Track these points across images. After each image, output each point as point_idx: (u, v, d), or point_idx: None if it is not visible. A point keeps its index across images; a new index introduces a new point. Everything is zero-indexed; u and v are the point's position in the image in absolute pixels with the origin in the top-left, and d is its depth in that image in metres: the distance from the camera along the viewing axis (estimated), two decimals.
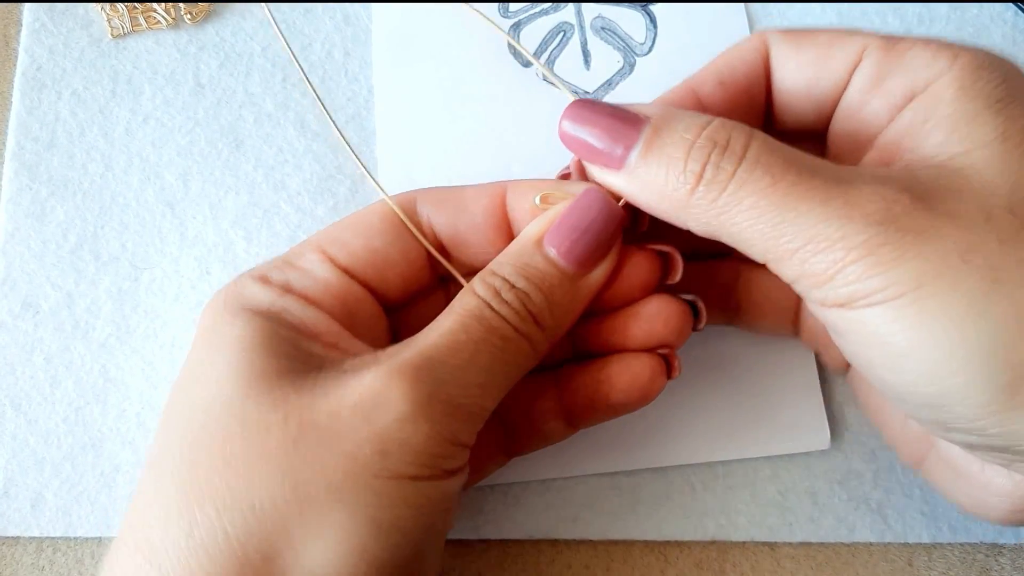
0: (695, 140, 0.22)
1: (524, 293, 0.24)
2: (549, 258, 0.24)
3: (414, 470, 0.22)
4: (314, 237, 0.27)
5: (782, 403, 0.31)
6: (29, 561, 0.31)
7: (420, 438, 0.22)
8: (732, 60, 0.27)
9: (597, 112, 0.24)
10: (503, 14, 0.36)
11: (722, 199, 0.22)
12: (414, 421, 0.22)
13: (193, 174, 0.34)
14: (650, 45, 0.36)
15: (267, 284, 0.25)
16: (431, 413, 0.22)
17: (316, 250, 0.26)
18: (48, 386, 0.32)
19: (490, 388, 0.23)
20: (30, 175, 0.34)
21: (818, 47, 0.25)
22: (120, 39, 0.36)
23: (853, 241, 0.20)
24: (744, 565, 0.30)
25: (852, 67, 0.25)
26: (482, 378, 0.23)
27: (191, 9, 0.36)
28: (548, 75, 0.27)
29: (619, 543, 0.30)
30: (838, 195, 0.21)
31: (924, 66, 0.23)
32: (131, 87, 0.36)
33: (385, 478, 0.22)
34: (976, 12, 0.36)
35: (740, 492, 0.31)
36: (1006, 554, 0.31)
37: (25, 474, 0.31)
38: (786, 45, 0.26)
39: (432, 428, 0.22)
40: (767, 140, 0.22)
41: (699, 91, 0.27)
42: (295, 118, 0.35)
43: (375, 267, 0.26)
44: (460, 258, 0.27)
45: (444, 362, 0.23)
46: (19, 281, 0.33)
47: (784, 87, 0.26)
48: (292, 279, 0.25)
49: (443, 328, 0.23)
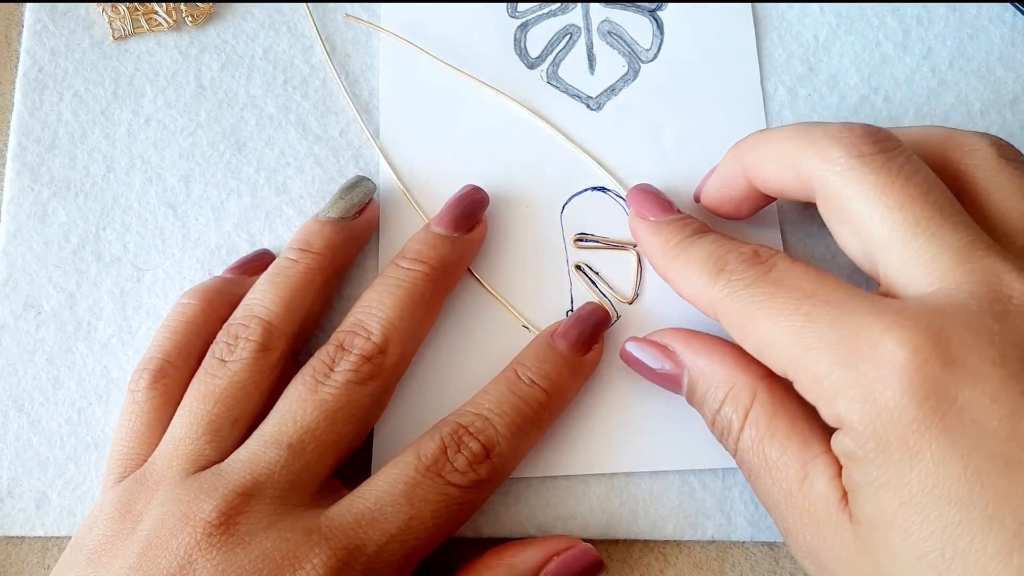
0: (719, 408, 0.27)
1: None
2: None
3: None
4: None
5: None
6: (34, 560, 0.31)
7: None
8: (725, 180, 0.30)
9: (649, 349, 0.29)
10: (511, 14, 0.37)
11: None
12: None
13: (195, 176, 0.35)
14: (655, 51, 0.36)
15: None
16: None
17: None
18: (51, 387, 0.32)
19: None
20: (32, 176, 0.35)
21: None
22: (122, 41, 0.36)
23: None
24: (743, 565, 0.30)
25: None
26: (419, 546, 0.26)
27: (192, 11, 0.36)
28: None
29: (618, 543, 0.31)
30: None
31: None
32: (133, 89, 0.36)
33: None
34: (975, 13, 0.36)
35: (739, 492, 0.31)
36: None
37: (29, 474, 0.31)
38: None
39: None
40: (764, 407, 0.25)
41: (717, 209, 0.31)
42: (297, 121, 0.35)
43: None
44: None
45: (384, 545, 0.25)
46: (21, 282, 0.33)
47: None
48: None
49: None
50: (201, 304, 0.30)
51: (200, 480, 0.26)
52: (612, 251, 0.33)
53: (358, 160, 0.35)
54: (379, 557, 0.25)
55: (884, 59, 0.36)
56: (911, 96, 0.36)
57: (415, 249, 0.30)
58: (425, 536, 0.26)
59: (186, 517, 0.25)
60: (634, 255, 0.33)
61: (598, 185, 0.34)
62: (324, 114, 0.35)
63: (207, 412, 0.27)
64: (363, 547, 0.25)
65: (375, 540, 0.25)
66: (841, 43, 0.36)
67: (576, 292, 0.32)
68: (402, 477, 0.26)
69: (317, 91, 0.36)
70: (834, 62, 0.36)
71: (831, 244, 0.32)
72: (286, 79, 0.36)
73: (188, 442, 0.27)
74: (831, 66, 0.36)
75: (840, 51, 0.36)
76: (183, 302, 0.31)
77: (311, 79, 0.36)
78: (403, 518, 0.25)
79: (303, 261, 0.30)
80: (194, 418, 0.27)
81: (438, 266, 0.30)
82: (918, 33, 0.36)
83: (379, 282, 0.30)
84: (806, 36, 0.36)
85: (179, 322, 0.30)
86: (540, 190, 0.34)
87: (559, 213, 0.33)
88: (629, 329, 0.32)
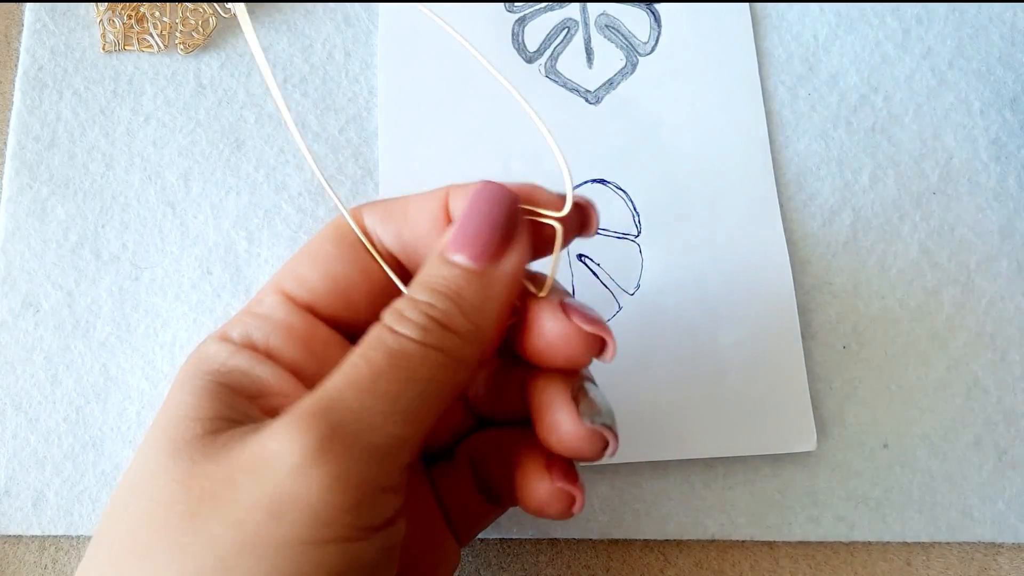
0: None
1: (427, 304, 0.22)
2: (452, 262, 0.22)
3: (314, 532, 0.19)
4: (275, 276, 0.25)
5: (771, 403, 0.31)
6: (32, 560, 0.31)
7: (317, 491, 0.19)
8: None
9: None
10: (508, 9, 0.37)
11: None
12: (306, 471, 0.19)
13: (194, 174, 0.35)
14: (653, 45, 0.36)
15: (225, 342, 0.24)
16: (328, 458, 0.19)
17: (276, 291, 0.24)
18: (49, 385, 0.32)
19: (407, 415, 0.20)
20: (31, 174, 0.34)
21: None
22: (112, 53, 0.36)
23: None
24: (743, 564, 0.30)
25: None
26: (390, 406, 0.20)
27: (186, 40, 0.36)
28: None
29: (619, 543, 0.31)
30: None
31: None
32: (132, 87, 0.36)
33: (279, 545, 0.18)
34: (975, 12, 0.36)
35: (739, 491, 0.31)
36: (1004, 553, 0.31)
37: (26, 473, 0.31)
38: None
39: (330, 476, 0.19)
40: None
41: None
42: (296, 119, 0.35)
43: (338, 295, 0.24)
44: (415, 270, 0.24)
45: (343, 400, 0.20)
46: (20, 280, 0.33)
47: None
48: (253, 331, 0.24)
49: (344, 365, 0.21)
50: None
51: None
52: (614, 242, 0.33)
53: (357, 158, 0.35)
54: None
55: (884, 58, 0.36)
56: (911, 95, 0.35)
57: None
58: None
59: None
60: (636, 246, 0.33)
61: (597, 178, 0.34)
62: (323, 112, 0.35)
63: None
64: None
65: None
66: (841, 43, 0.36)
67: (578, 282, 0.33)
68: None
69: (316, 89, 0.36)
70: (834, 61, 0.36)
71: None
72: (285, 78, 0.36)
73: None
74: (831, 65, 0.36)
75: (840, 50, 0.36)
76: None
77: (310, 77, 0.36)
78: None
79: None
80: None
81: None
82: (918, 32, 0.36)
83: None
84: (806, 36, 0.36)
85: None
86: (539, 183, 0.34)
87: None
88: (631, 320, 0.32)
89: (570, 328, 0.22)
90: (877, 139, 0.35)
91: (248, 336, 0.24)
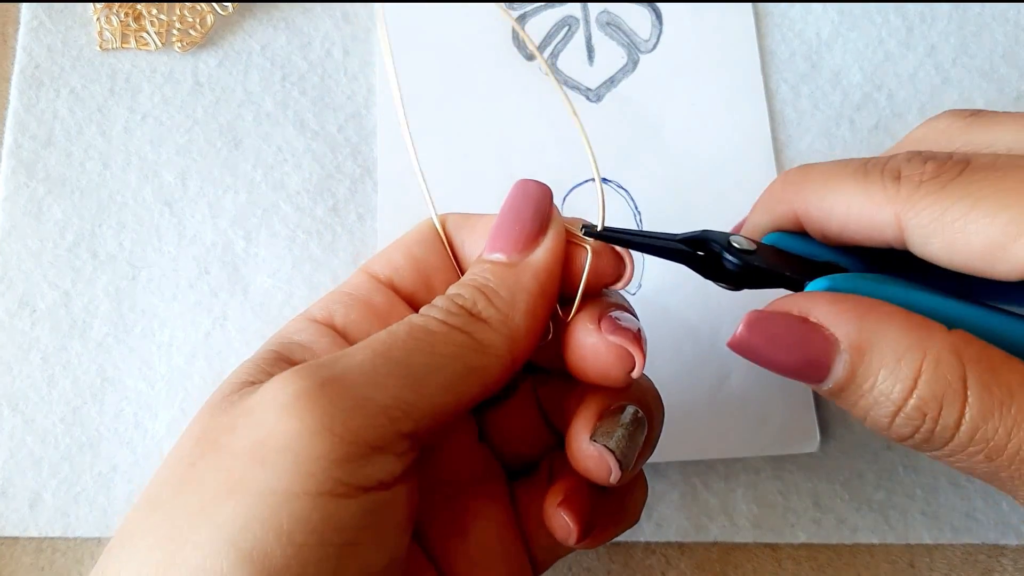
0: (902, 405, 0.19)
1: (456, 294, 0.22)
2: (485, 260, 0.23)
3: (295, 481, 0.18)
4: (367, 261, 0.26)
5: (773, 405, 0.31)
6: (28, 561, 0.31)
7: (300, 435, 0.18)
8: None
9: (778, 327, 0.21)
10: (509, 7, 0.36)
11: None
12: (291, 413, 0.18)
13: (191, 173, 0.34)
14: (654, 42, 0.36)
15: (302, 318, 0.24)
16: (315, 404, 0.18)
17: (364, 271, 0.26)
18: (45, 385, 0.32)
19: (416, 381, 0.20)
20: (27, 173, 0.34)
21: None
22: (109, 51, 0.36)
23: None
24: (746, 566, 0.30)
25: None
26: (399, 369, 0.20)
27: (183, 38, 0.36)
28: (548, 72, 0.27)
29: (620, 544, 0.30)
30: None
31: None
32: (129, 85, 0.35)
33: (260, 492, 0.18)
34: (978, 11, 0.36)
35: (742, 493, 0.30)
36: (1008, 555, 0.31)
37: (23, 474, 0.31)
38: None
39: (316, 422, 0.18)
40: (982, 400, 0.18)
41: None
42: (294, 117, 0.35)
43: (417, 272, 0.25)
44: None
45: (352, 357, 0.20)
46: (16, 280, 0.33)
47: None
48: (336, 306, 0.24)
49: (371, 336, 0.21)
50: None
51: None
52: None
53: (355, 156, 0.34)
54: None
55: (887, 56, 0.36)
56: (914, 93, 0.35)
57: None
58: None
59: None
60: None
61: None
62: (322, 110, 0.35)
63: None
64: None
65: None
66: (844, 40, 0.36)
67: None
68: None
69: (315, 87, 0.35)
70: (837, 59, 0.36)
71: None
72: (284, 75, 0.35)
73: None
74: (834, 63, 0.36)
75: (843, 48, 0.36)
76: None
77: (309, 75, 0.36)
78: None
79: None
80: None
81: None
82: (921, 30, 0.36)
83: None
84: (808, 33, 0.36)
85: None
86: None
87: (560, 204, 0.33)
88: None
89: (600, 341, 0.22)
90: (880, 137, 0.35)
91: (329, 312, 0.24)
